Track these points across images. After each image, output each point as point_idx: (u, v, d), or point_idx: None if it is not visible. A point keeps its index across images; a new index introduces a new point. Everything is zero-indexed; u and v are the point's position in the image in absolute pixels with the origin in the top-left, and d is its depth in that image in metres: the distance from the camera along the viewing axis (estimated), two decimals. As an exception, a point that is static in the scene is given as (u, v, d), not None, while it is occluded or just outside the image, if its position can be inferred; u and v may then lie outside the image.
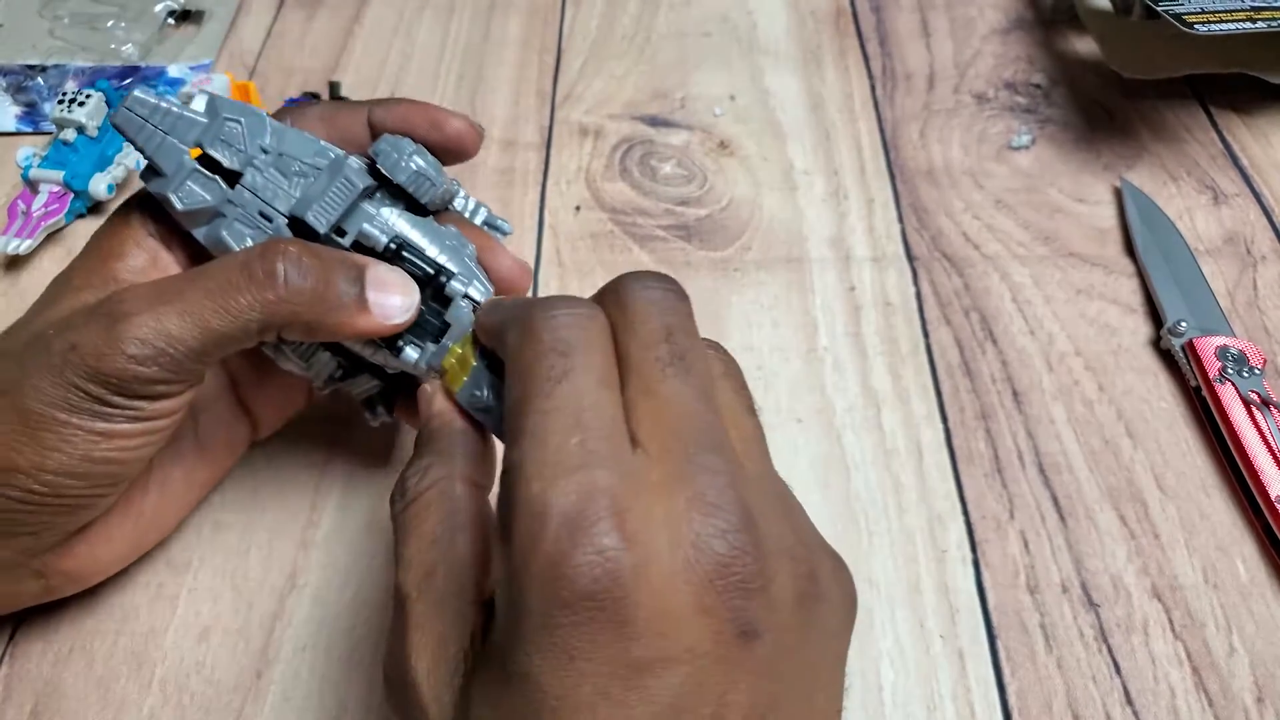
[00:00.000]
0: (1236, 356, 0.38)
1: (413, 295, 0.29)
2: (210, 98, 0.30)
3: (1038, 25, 0.57)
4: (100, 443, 0.27)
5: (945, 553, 0.35)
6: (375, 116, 0.31)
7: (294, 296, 0.27)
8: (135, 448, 0.28)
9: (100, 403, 0.26)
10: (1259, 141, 0.50)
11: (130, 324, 0.26)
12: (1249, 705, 0.31)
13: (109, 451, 0.27)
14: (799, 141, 0.50)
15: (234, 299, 0.26)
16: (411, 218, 0.30)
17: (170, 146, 0.29)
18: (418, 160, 0.30)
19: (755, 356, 0.41)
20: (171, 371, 0.27)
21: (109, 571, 0.32)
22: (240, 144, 0.29)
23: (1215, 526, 0.35)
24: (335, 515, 0.36)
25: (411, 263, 0.29)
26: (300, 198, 0.29)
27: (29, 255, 0.45)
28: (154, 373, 0.26)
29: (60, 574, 0.30)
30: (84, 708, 0.31)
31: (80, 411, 0.26)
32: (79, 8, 0.58)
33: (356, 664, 0.32)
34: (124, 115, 0.29)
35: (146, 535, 0.33)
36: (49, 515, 0.28)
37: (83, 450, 0.27)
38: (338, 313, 0.27)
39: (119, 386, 0.26)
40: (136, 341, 0.26)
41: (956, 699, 0.31)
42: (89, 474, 0.27)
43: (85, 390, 0.26)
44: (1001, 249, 0.45)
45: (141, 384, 0.26)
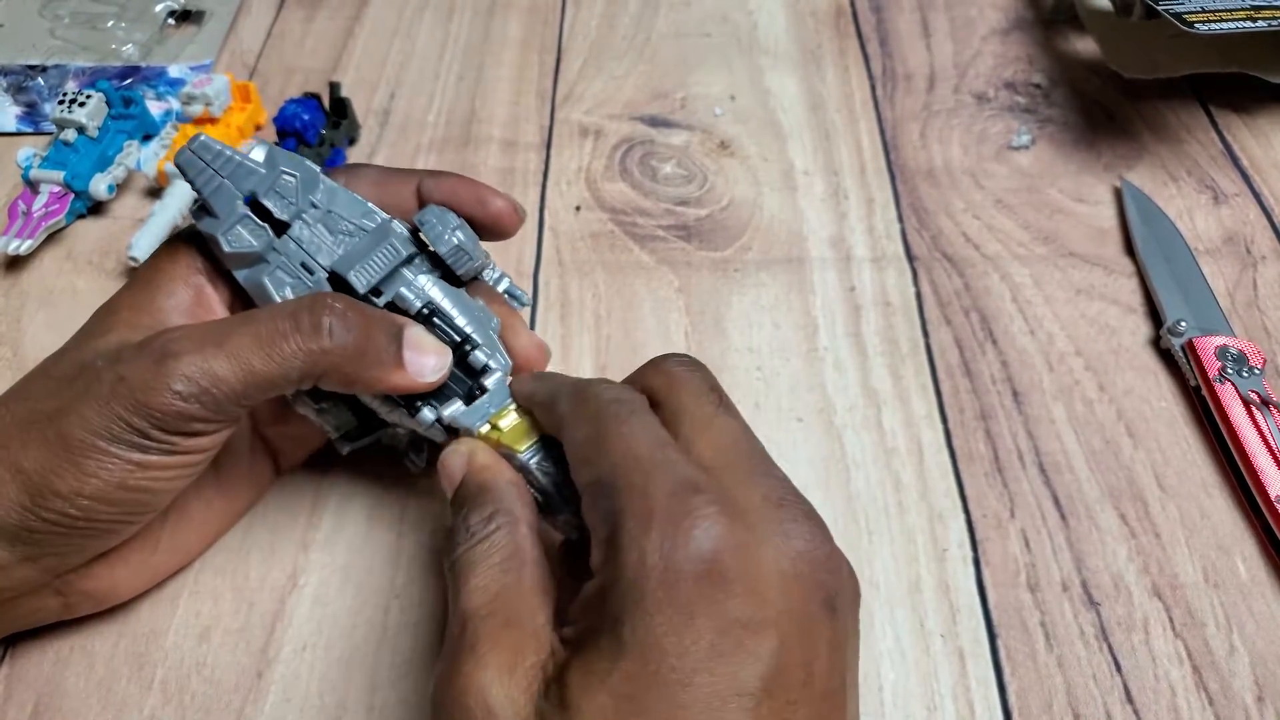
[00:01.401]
0: (1236, 356, 0.38)
1: (445, 358, 0.30)
2: (270, 148, 0.31)
3: (1038, 25, 0.57)
4: (136, 472, 0.28)
5: (946, 552, 0.35)
6: (425, 187, 0.33)
7: (337, 349, 0.28)
8: (168, 479, 0.29)
9: (141, 435, 0.27)
10: (1259, 141, 0.50)
11: (179, 362, 0.27)
12: (1249, 704, 0.31)
13: (143, 481, 0.28)
14: (799, 141, 0.50)
15: (280, 346, 0.28)
16: (445, 286, 0.31)
17: (226, 191, 0.30)
18: (459, 235, 0.31)
19: (755, 356, 0.41)
20: (212, 410, 0.28)
21: (125, 596, 0.33)
22: (292, 197, 0.31)
23: (1215, 526, 0.35)
24: (336, 516, 0.36)
25: (441, 329, 0.31)
26: (343, 255, 0.31)
27: (29, 255, 0.45)
28: (196, 410, 0.27)
29: (79, 594, 0.31)
30: (85, 708, 0.31)
31: (121, 442, 0.27)
32: (79, 8, 0.58)
33: (357, 664, 0.32)
34: (186, 157, 0.30)
35: (163, 563, 0.33)
36: (78, 538, 0.29)
37: (119, 478, 0.27)
38: (376, 368, 0.29)
39: (161, 421, 0.27)
40: (183, 379, 0.27)
41: (957, 698, 0.31)
42: (121, 501, 0.28)
43: (129, 422, 0.27)
44: (1001, 249, 0.45)
45: (183, 420, 0.27)
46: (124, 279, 0.44)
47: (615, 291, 0.43)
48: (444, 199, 0.32)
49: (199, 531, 0.34)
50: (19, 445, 0.27)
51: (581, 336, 0.41)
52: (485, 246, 0.33)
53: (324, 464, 0.37)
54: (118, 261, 0.45)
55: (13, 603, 0.30)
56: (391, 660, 0.32)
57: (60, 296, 0.43)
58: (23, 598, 0.30)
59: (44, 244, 0.45)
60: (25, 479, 0.27)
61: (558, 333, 0.42)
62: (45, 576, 0.29)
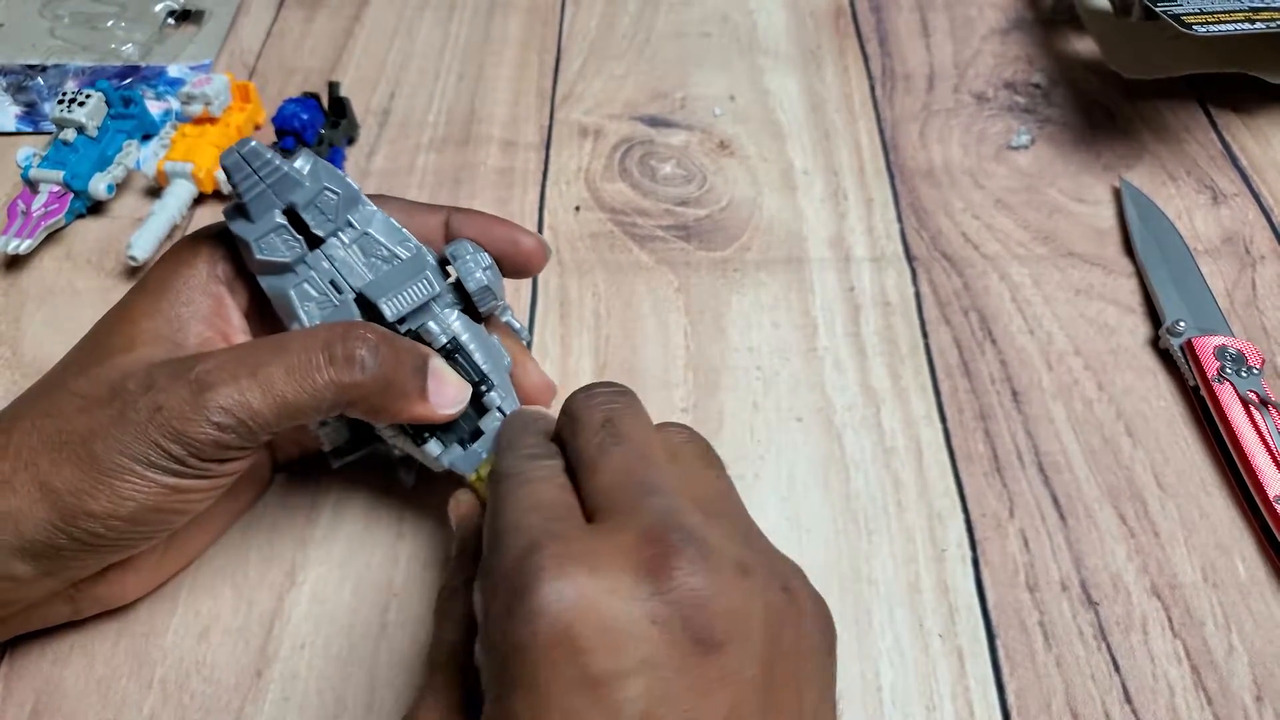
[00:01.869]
0: (1235, 356, 0.38)
1: (465, 392, 0.31)
2: (316, 162, 0.31)
3: (1038, 25, 0.57)
4: (169, 496, 0.28)
5: (944, 551, 0.35)
6: (454, 222, 0.33)
7: (369, 383, 0.29)
8: (199, 501, 0.29)
9: (178, 462, 0.28)
10: (1258, 141, 0.50)
11: (216, 394, 0.27)
12: (1248, 704, 0.31)
13: (175, 503, 0.29)
14: (798, 141, 0.50)
15: (313, 377, 0.28)
16: (467, 321, 0.32)
17: (267, 199, 0.30)
18: (489, 274, 0.32)
19: (755, 356, 0.41)
20: (247, 440, 0.28)
21: (132, 598, 0.33)
22: (331, 214, 0.31)
23: (1214, 525, 0.35)
24: (334, 514, 0.36)
25: (461, 366, 0.31)
26: (375, 280, 0.31)
27: (29, 255, 0.45)
28: (232, 440, 0.28)
29: (90, 599, 0.32)
30: (84, 707, 0.31)
31: (156, 468, 0.28)
32: (79, 7, 0.58)
33: (356, 662, 0.32)
34: (234, 159, 0.30)
35: (170, 564, 0.34)
36: (103, 555, 0.29)
37: (154, 502, 0.28)
38: (401, 400, 0.29)
39: (198, 450, 0.28)
40: (220, 410, 0.27)
41: (956, 698, 0.31)
42: (152, 522, 0.29)
43: (166, 450, 0.27)
44: (1001, 249, 0.45)
45: (219, 449, 0.28)
46: (123, 279, 0.44)
47: (615, 291, 0.43)
48: (474, 236, 0.33)
49: (204, 531, 0.34)
50: (49, 464, 0.27)
51: (581, 336, 0.41)
52: None
53: (323, 463, 0.37)
54: (117, 261, 0.45)
55: (25, 612, 0.30)
56: (390, 658, 0.32)
57: (59, 296, 0.43)
58: (36, 606, 0.30)
59: (43, 243, 0.45)
60: (56, 499, 0.27)
61: (557, 332, 0.42)
62: (62, 586, 0.30)
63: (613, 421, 0.27)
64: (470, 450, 0.32)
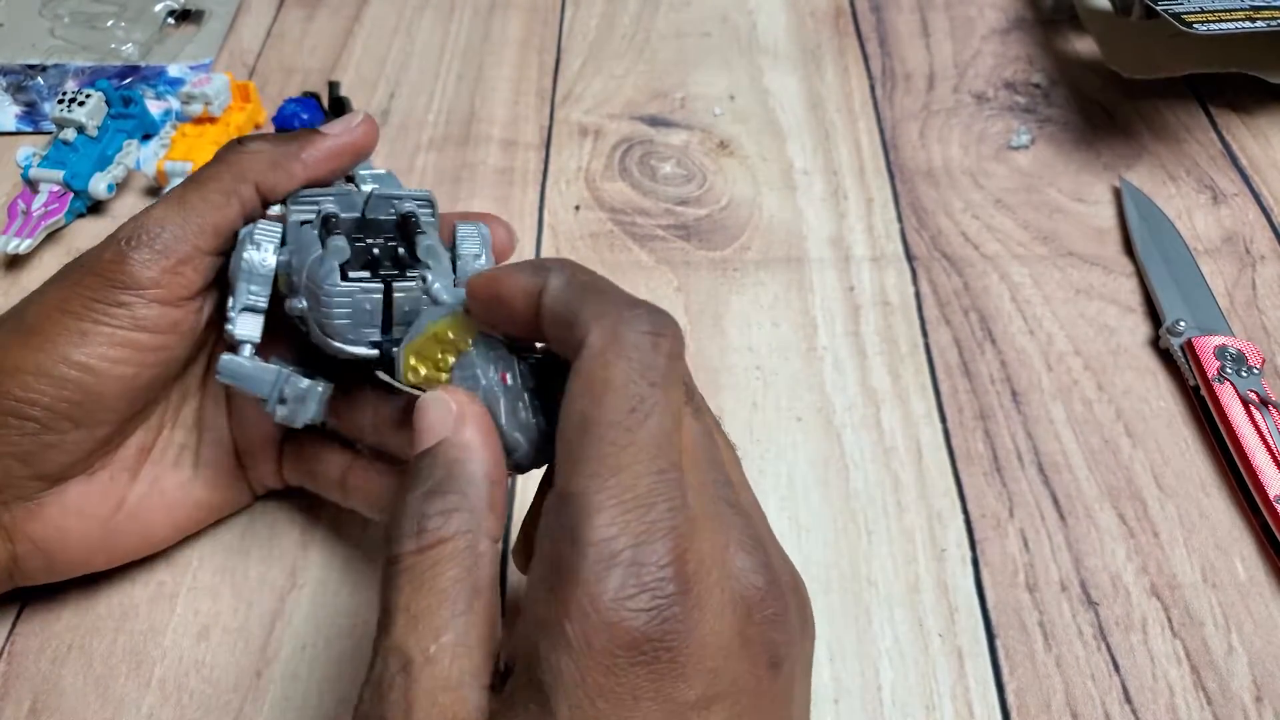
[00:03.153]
0: (1235, 356, 0.38)
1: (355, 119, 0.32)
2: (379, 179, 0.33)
3: (1037, 25, 0.57)
4: (80, 345, 0.28)
5: (944, 551, 0.35)
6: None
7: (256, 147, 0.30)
8: (113, 360, 0.29)
9: (94, 295, 0.29)
10: (1258, 141, 0.50)
11: (127, 225, 0.29)
12: (1248, 704, 0.31)
13: (86, 357, 0.28)
14: (798, 141, 0.50)
15: (204, 172, 0.30)
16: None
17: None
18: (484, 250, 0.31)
19: (755, 356, 0.41)
20: (160, 250, 0.29)
21: (79, 560, 0.32)
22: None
23: (1214, 525, 0.35)
24: (335, 513, 0.36)
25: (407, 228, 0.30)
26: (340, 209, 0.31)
27: (29, 255, 0.45)
28: (145, 255, 0.29)
29: (27, 539, 0.30)
30: (83, 706, 0.31)
31: (72, 310, 0.28)
32: (79, 7, 0.58)
33: (356, 663, 0.32)
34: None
35: (123, 531, 0.32)
36: (16, 436, 0.29)
37: (62, 352, 0.28)
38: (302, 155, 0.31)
39: (113, 274, 0.28)
40: (129, 228, 0.29)
41: (955, 698, 0.31)
42: (63, 380, 0.28)
43: (83, 285, 0.29)
44: (1001, 249, 0.45)
45: (134, 269, 0.29)
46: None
47: (614, 291, 0.43)
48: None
49: (169, 511, 0.33)
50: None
51: (580, 336, 0.41)
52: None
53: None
54: (117, 260, 0.45)
55: None
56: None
57: (59, 295, 0.43)
58: None
59: (43, 243, 0.45)
60: None
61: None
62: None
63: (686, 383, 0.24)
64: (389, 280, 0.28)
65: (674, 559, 0.20)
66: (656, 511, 0.20)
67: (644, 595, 0.20)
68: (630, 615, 0.20)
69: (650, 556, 0.20)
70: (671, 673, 0.20)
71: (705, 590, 0.21)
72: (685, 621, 0.20)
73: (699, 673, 0.20)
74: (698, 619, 0.20)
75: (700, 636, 0.20)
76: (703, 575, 0.21)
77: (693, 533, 0.21)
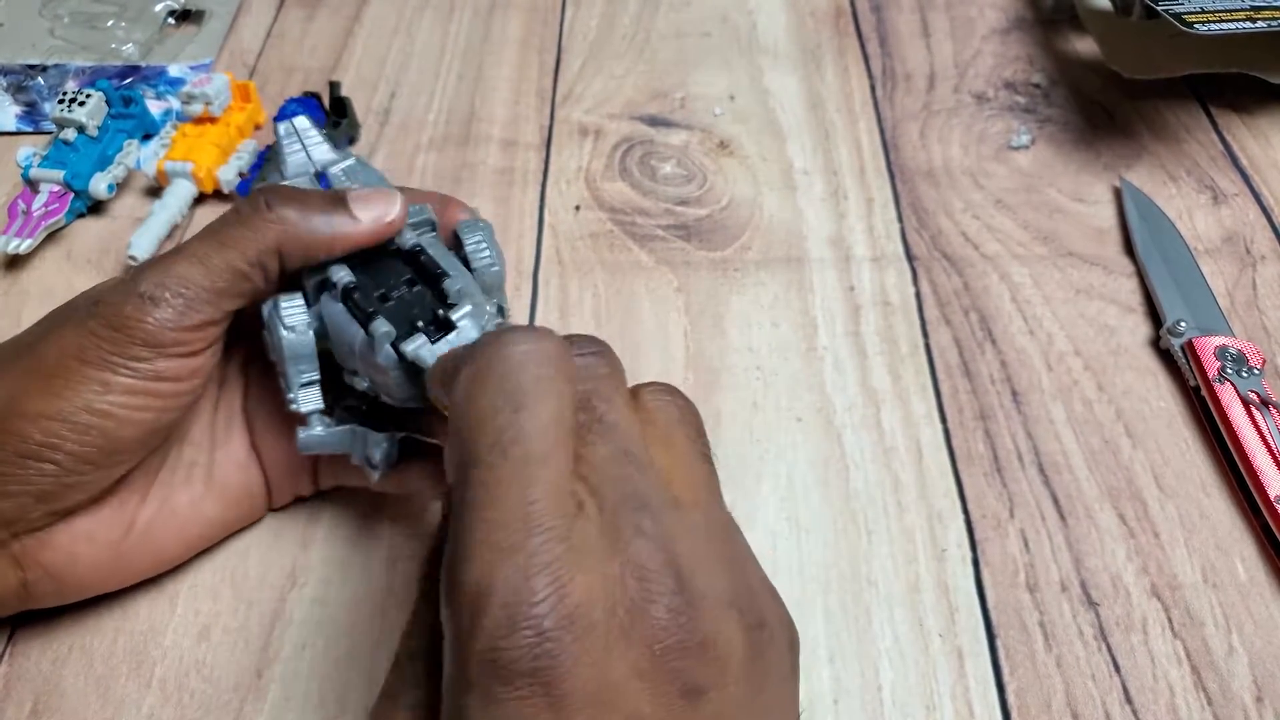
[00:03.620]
0: (1235, 356, 0.38)
1: (395, 200, 0.30)
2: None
3: (1038, 25, 0.57)
4: (102, 394, 0.28)
5: (945, 552, 0.35)
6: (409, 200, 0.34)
7: (280, 217, 0.29)
8: (135, 409, 0.29)
9: (112, 350, 0.28)
10: (1259, 141, 0.50)
11: (146, 271, 0.29)
12: (1248, 704, 0.31)
13: (108, 405, 0.28)
14: (798, 141, 0.50)
15: (229, 233, 0.29)
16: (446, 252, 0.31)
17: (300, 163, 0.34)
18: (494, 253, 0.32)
19: (755, 356, 0.41)
20: (180, 310, 0.28)
21: (91, 584, 0.32)
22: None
23: (1214, 526, 0.35)
24: (335, 513, 0.36)
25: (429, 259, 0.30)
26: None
27: (29, 255, 0.45)
28: (168, 315, 0.28)
29: (38, 566, 0.30)
30: (83, 706, 0.31)
31: (92, 362, 0.28)
32: (79, 7, 0.58)
33: (356, 663, 0.32)
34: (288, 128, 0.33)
35: (135, 552, 0.32)
36: (35, 477, 0.28)
37: (85, 400, 0.28)
38: (325, 225, 0.30)
39: (132, 331, 0.28)
40: (150, 283, 0.28)
41: (955, 698, 0.31)
42: (85, 428, 0.28)
43: (101, 336, 0.28)
44: (1001, 249, 0.45)
45: (155, 329, 0.28)
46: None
47: (615, 291, 0.43)
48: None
49: (180, 530, 0.33)
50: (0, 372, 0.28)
51: (581, 336, 0.41)
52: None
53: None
54: (117, 261, 0.45)
55: None
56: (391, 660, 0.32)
57: (60, 296, 0.43)
58: None
59: (44, 243, 0.45)
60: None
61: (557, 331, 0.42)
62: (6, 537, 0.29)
63: (592, 403, 0.23)
64: (439, 343, 0.28)
65: (550, 593, 0.19)
66: (530, 546, 0.20)
67: (517, 634, 0.19)
68: (504, 651, 0.19)
69: (524, 595, 0.19)
70: (552, 706, 0.19)
71: (589, 622, 0.20)
72: (563, 656, 0.19)
73: (585, 705, 0.19)
74: (578, 651, 0.19)
75: (583, 669, 0.19)
76: (587, 607, 0.20)
77: (576, 563, 0.20)
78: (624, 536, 0.21)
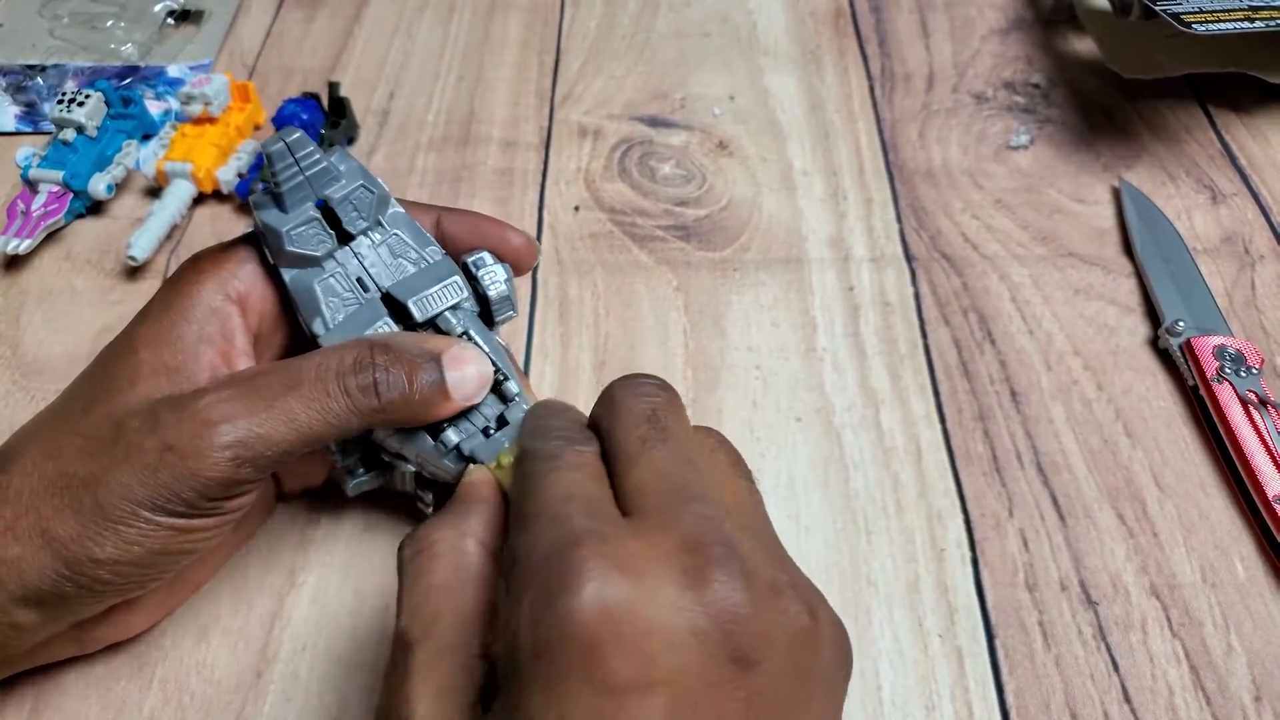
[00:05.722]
0: (1234, 356, 0.38)
1: (487, 366, 0.30)
2: (350, 158, 0.31)
3: (1037, 25, 0.57)
4: (178, 537, 0.27)
5: (944, 551, 0.35)
6: (445, 221, 0.33)
7: (387, 404, 0.28)
8: (207, 539, 0.28)
9: (186, 504, 0.27)
10: (1258, 141, 0.50)
11: (232, 427, 0.27)
12: (1247, 704, 0.31)
13: (185, 544, 0.28)
14: (798, 142, 0.50)
15: (329, 406, 0.28)
16: (482, 326, 0.31)
17: (303, 189, 0.30)
18: (509, 286, 0.32)
19: (754, 356, 0.41)
20: (260, 472, 0.27)
21: (136, 633, 0.32)
22: (365, 213, 0.31)
23: (1213, 525, 0.36)
24: (334, 514, 0.36)
25: None
26: (402, 281, 0.31)
27: (28, 255, 0.45)
28: (247, 474, 0.27)
29: (94, 639, 0.31)
30: (84, 707, 0.31)
31: (165, 510, 0.27)
32: (79, 8, 0.58)
33: (357, 663, 0.32)
34: (278, 147, 0.30)
35: (176, 595, 0.33)
36: (108, 598, 0.28)
37: (161, 545, 0.27)
38: (423, 408, 0.29)
39: (208, 489, 0.27)
40: (238, 445, 0.27)
41: (955, 698, 0.32)
42: (159, 564, 0.28)
43: (176, 492, 0.27)
44: (1000, 249, 0.45)
45: (233, 485, 0.27)
46: (123, 279, 0.44)
47: (614, 291, 0.43)
48: (468, 233, 0.33)
49: (208, 564, 0.33)
50: (52, 511, 0.27)
51: (580, 335, 0.41)
52: None
53: (323, 463, 0.37)
54: (117, 261, 0.45)
55: (30, 653, 0.30)
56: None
57: (59, 296, 0.43)
58: (40, 648, 0.30)
59: (43, 243, 0.45)
60: (59, 546, 0.26)
61: (557, 332, 0.42)
62: (64, 628, 0.29)
63: (658, 417, 0.25)
64: (495, 437, 0.30)
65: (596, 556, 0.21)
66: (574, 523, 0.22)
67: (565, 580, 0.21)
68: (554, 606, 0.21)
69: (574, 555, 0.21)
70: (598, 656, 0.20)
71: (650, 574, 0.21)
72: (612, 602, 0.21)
73: (629, 655, 0.20)
74: (631, 602, 0.21)
75: (631, 620, 0.21)
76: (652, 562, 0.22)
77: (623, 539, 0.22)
78: (678, 518, 0.23)
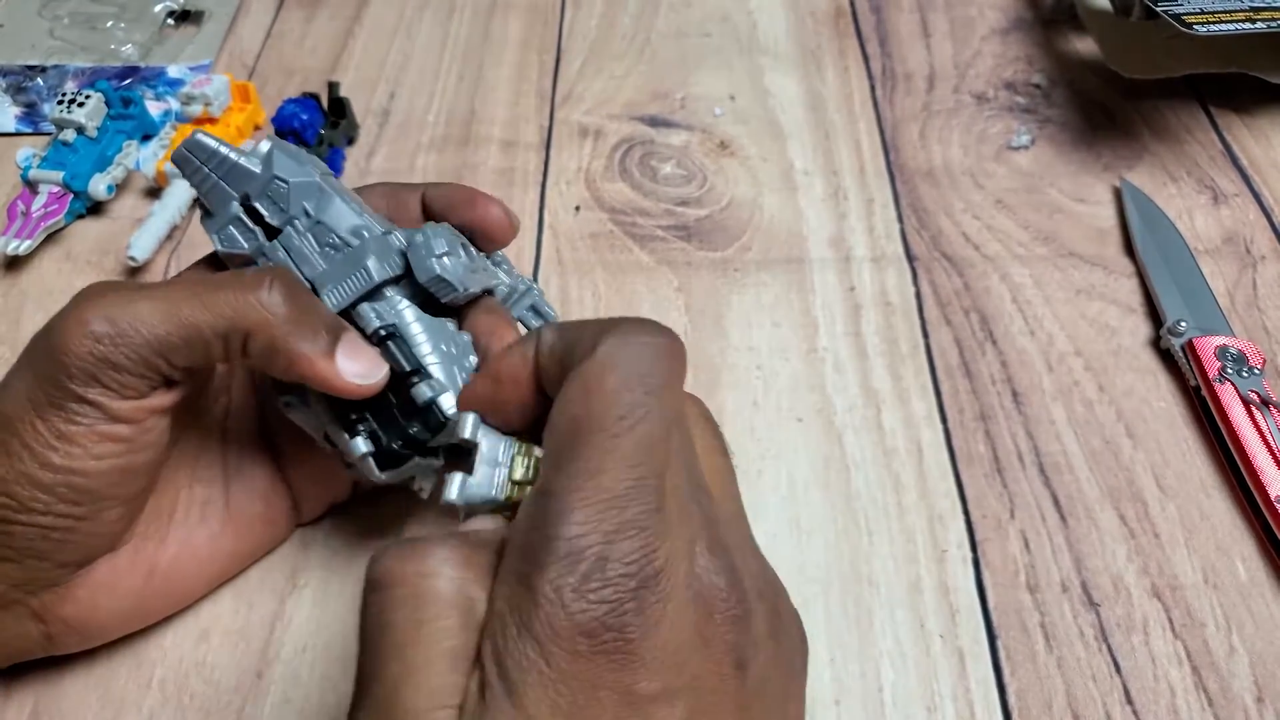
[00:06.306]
0: (1236, 356, 0.38)
1: (376, 372, 0.28)
2: (274, 149, 0.31)
3: (1038, 25, 0.57)
4: (60, 447, 0.26)
5: (945, 552, 0.35)
6: (428, 196, 0.32)
7: (271, 308, 0.27)
8: (97, 457, 0.27)
9: (60, 392, 0.26)
10: (1259, 141, 0.50)
11: (101, 300, 0.26)
12: (1249, 705, 0.31)
13: (68, 459, 0.26)
14: (799, 142, 0.50)
15: (213, 294, 0.27)
16: (419, 313, 0.30)
17: (221, 191, 0.30)
18: (444, 262, 0.29)
19: (755, 356, 0.41)
20: (133, 358, 0.26)
21: (115, 629, 0.31)
22: (283, 203, 0.30)
23: (1215, 526, 0.35)
24: (335, 514, 0.36)
25: (393, 355, 0.29)
26: (323, 270, 0.30)
27: (29, 255, 0.45)
28: (117, 356, 0.26)
29: (59, 620, 0.29)
30: (84, 708, 0.31)
31: (41, 408, 0.26)
32: (79, 8, 0.58)
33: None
34: (181, 154, 0.30)
35: (158, 595, 0.31)
36: (23, 540, 0.27)
37: (42, 456, 0.26)
38: (304, 344, 0.27)
39: (78, 369, 0.26)
40: (102, 319, 0.26)
41: (956, 699, 0.31)
42: (52, 486, 0.27)
43: (47, 377, 0.26)
44: (1001, 249, 0.45)
45: (102, 368, 0.26)
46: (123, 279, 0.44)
47: (615, 291, 0.43)
48: (444, 208, 0.32)
49: (203, 568, 0.32)
50: None
51: (581, 337, 0.41)
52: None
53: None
54: (117, 262, 0.45)
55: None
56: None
57: (59, 297, 0.43)
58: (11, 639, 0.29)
59: (43, 244, 0.45)
60: None
61: (557, 333, 0.42)
62: (14, 592, 0.28)
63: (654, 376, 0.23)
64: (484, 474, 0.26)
65: (640, 557, 0.21)
66: (629, 513, 0.21)
67: (607, 589, 0.20)
68: (592, 606, 0.20)
69: (617, 554, 0.21)
70: (630, 664, 0.20)
71: (670, 588, 0.21)
72: (646, 615, 0.20)
73: (659, 666, 0.21)
74: (659, 615, 0.21)
75: (661, 632, 0.21)
76: (668, 573, 0.21)
77: (664, 534, 0.21)
78: (692, 513, 0.22)
